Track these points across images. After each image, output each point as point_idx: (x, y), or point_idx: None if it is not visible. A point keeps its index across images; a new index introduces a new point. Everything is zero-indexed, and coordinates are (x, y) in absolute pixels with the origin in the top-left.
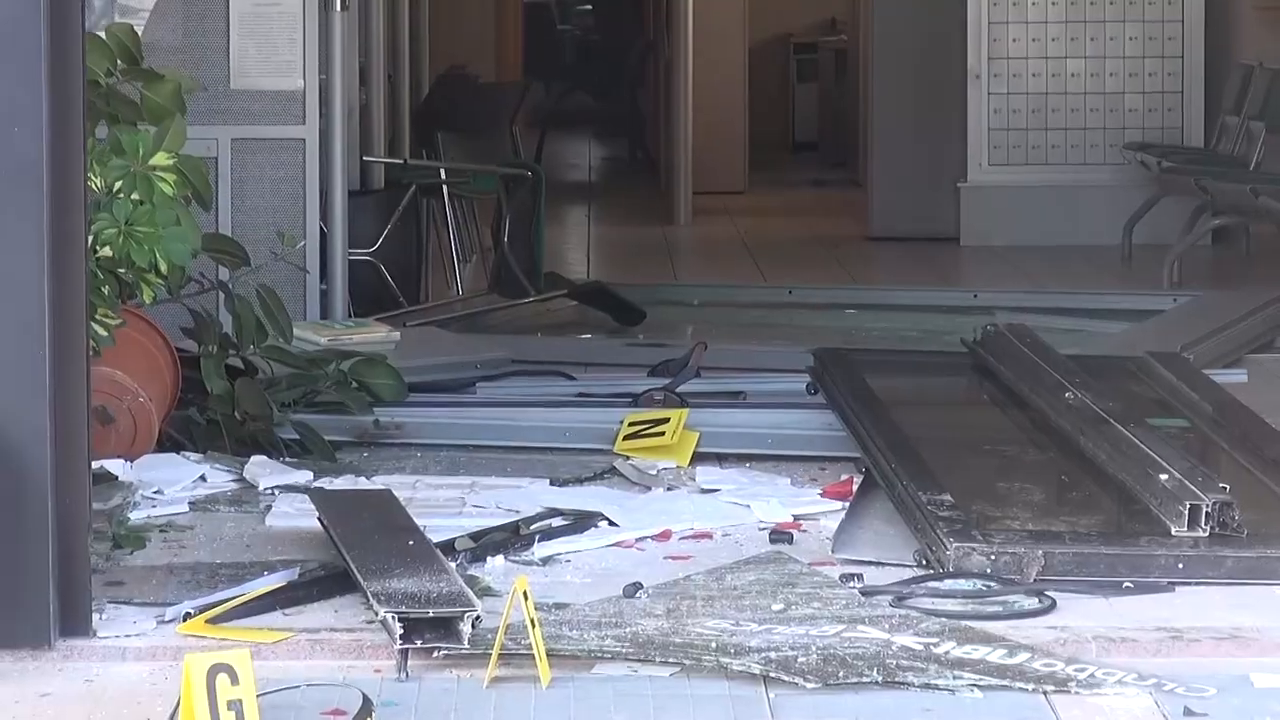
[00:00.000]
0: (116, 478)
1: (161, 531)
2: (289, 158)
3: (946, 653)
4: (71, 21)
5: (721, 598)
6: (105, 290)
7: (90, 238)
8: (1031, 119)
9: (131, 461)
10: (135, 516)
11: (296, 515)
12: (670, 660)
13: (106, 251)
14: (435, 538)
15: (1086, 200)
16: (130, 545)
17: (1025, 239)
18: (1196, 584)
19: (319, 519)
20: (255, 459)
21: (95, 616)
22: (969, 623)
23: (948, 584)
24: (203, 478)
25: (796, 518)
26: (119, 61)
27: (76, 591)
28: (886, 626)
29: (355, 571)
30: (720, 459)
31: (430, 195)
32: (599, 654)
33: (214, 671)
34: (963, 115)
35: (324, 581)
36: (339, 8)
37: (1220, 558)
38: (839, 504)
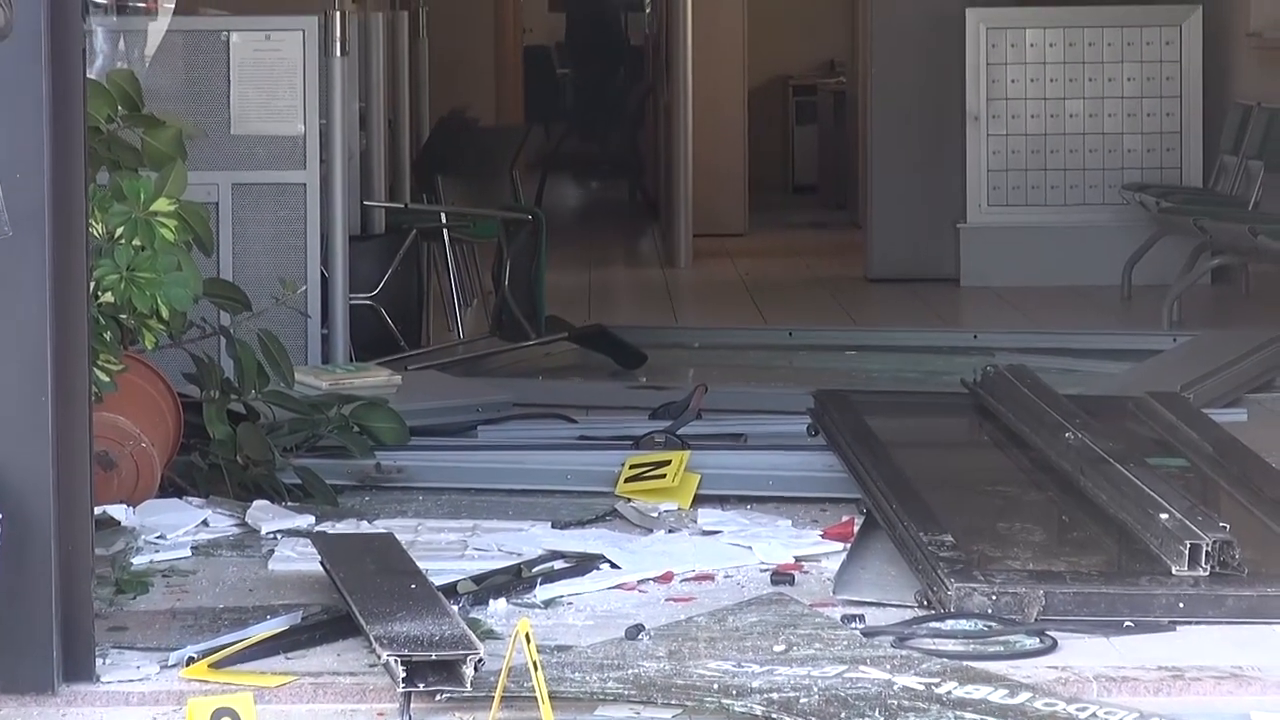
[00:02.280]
0: (119, 523)
1: (164, 576)
2: (290, 203)
3: (948, 693)
4: (72, 68)
5: (723, 639)
6: (107, 336)
7: (92, 283)
8: (1031, 160)
9: (134, 506)
10: (138, 561)
11: (299, 559)
12: (672, 702)
13: (108, 297)
14: (437, 581)
15: (1086, 240)
16: (133, 590)
17: (1025, 279)
18: (1197, 623)
19: (321, 563)
20: (257, 503)
21: (99, 661)
22: (971, 663)
23: (949, 624)
24: (205, 522)
25: (798, 559)
26: (120, 108)
27: (80, 636)
28: (888, 667)
29: (358, 615)
30: (721, 501)
31: (431, 239)
32: (601, 696)
33: (217, 716)
34: (962, 156)
35: (326, 625)
36: (339, 53)
37: (1221, 597)
38: (840, 545)
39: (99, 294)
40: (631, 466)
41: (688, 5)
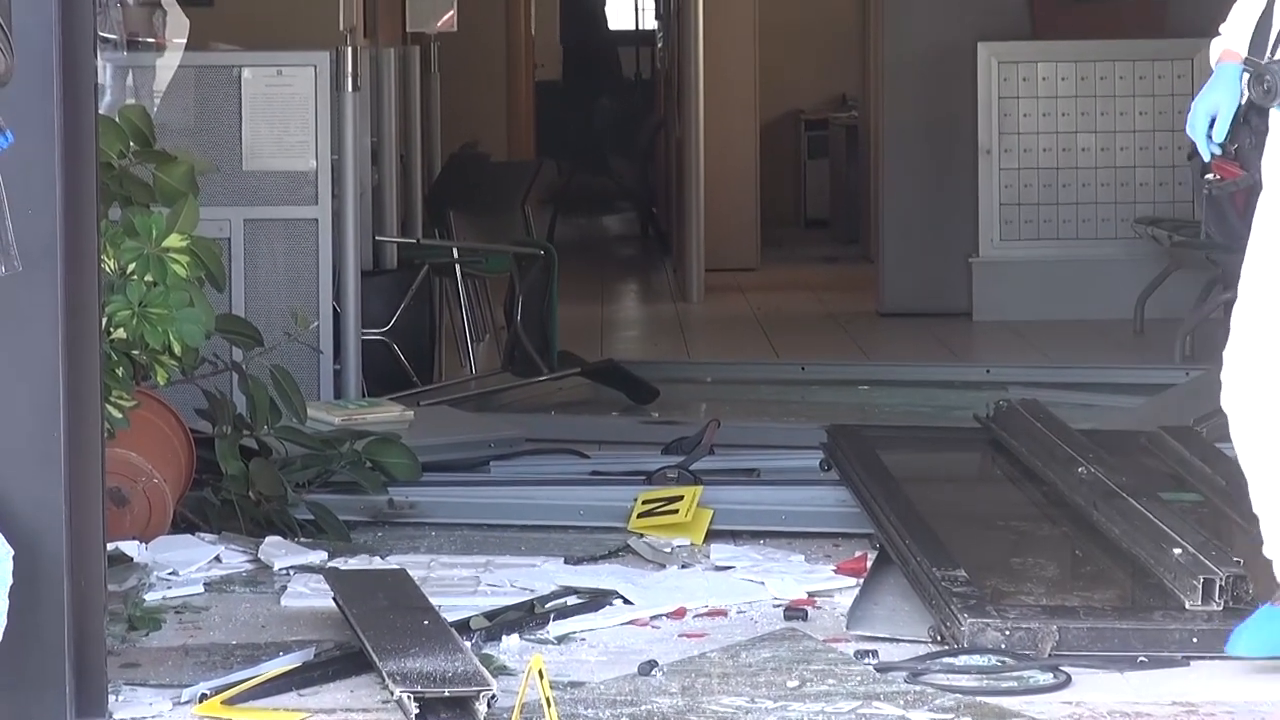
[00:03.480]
0: (131, 559)
1: (177, 613)
2: (302, 238)
3: None
4: (84, 104)
5: (736, 675)
6: (119, 372)
7: (104, 319)
8: (1043, 194)
9: (146, 543)
10: (150, 598)
11: (311, 595)
12: None
13: (120, 333)
14: (450, 617)
15: (1098, 274)
16: (146, 626)
17: (1037, 314)
18: (1211, 658)
19: (334, 599)
20: (270, 539)
21: (111, 698)
22: (984, 698)
23: (963, 660)
24: (218, 558)
25: (811, 594)
26: (132, 144)
27: (92, 673)
28: (902, 703)
29: (370, 651)
30: (734, 536)
31: (443, 274)
32: None
33: None
34: (974, 190)
35: (339, 661)
36: (351, 88)
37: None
38: (853, 580)
39: (111, 330)
40: (644, 502)
41: (699, 39)
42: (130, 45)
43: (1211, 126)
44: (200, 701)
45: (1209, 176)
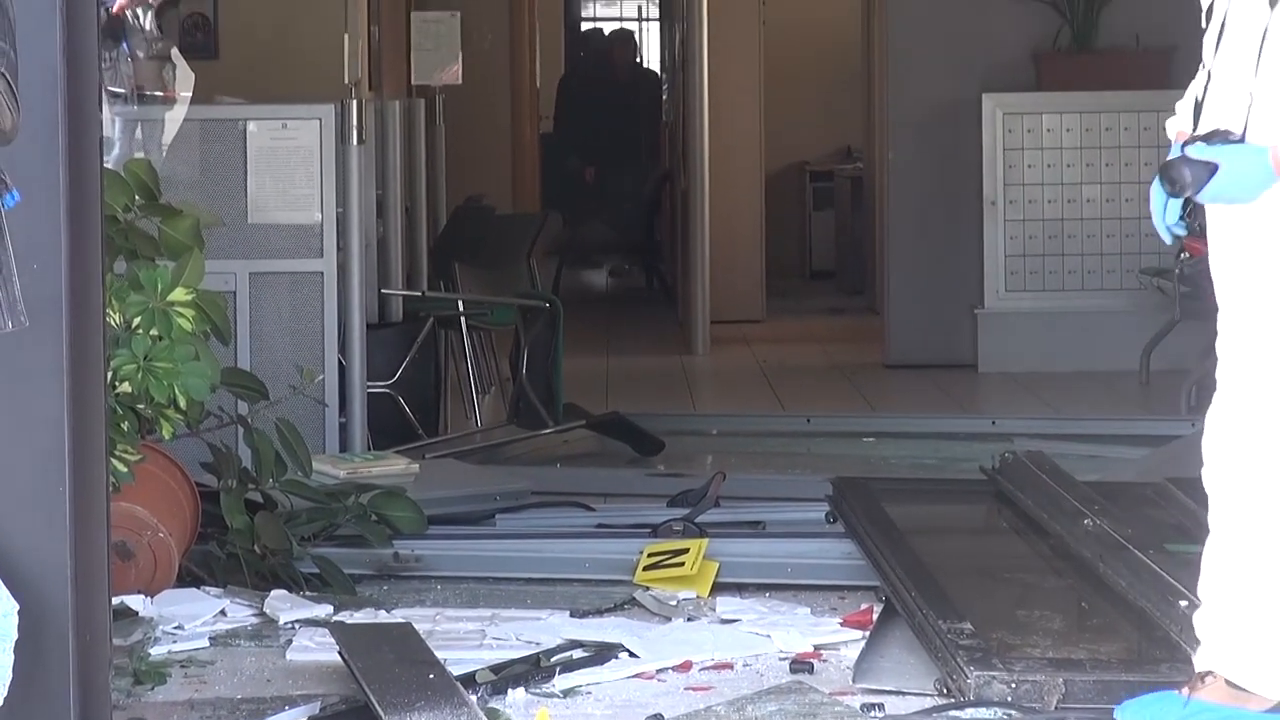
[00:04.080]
0: (137, 613)
1: (182, 667)
2: (307, 291)
3: None
4: (89, 158)
5: None
6: (125, 426)
7: (109, 373)
8: (1048, 245)
9: (152, 597)
10: (156, 652)
11: (317, 649)
12: None
13: (126, 387)
14: (456, 670)
15: (1104, 326)
16: (151, 681)
17: (1043, 365)
18: None
19: (339, 653)
20: (275, 593)
21: None
22: None
23: (969, 713)
24: (223, 612)
25: (817, 647)
26: (137, 197)
27: None
28: None
29: (376, 705)
30: (740, 589)
31: (448, 327)
32: None
33: None
34: (979, 242)
35: (345, 716)
36: (356, 141)
37: None
38: (859, 633)
39: (116, 384)
40: (650, 554)
41: (704, 91)
42: (139, 99)
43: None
44: None
45: (1182, 256)
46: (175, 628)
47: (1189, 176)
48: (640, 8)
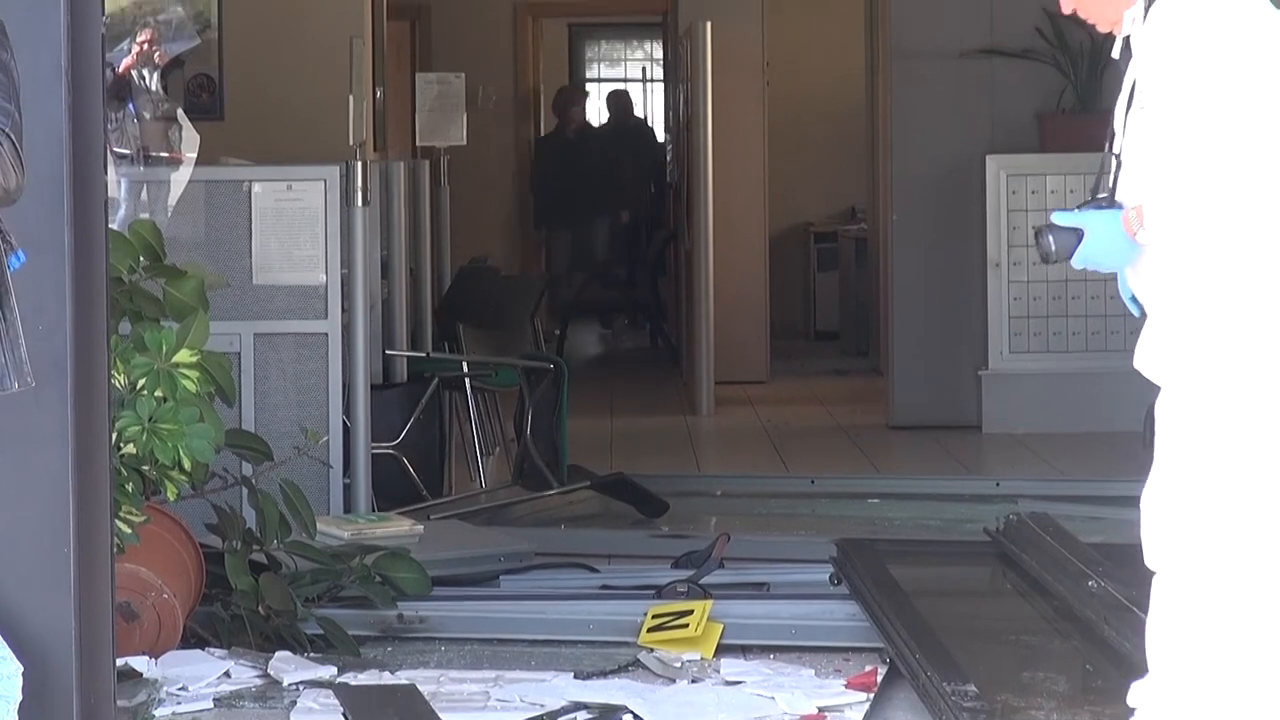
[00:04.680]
0: (141, 674)
1: None
2: (312, 352)
3: None
4: (95, 220)
5: None
6: (129, 487)
7: (114, 435)
8: (1052, 306)
9: (156, 658)
10: (160, 713)
11: (321, 711)
12: None
13: (130, 448)
14: None
15: (1108, 387)
16: None
17: (1047, 426)
18: None
19: (344, 714)
20: (280, 654)
21: None
22: None
23: None
24: (227, 674)
25: (821, 709)
26: (142, 258)
27: None
28: None
29: None
30: (744, 650)
31: (453, 388)
32: None
33: None
34: (983, 303)
35: None
36: (360, 202)
37: None
38: (864, 695)
39: (121, 445)
40: (654, 616)
41: (708, 152)
42: (145, 160)
43: None
44: None
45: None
46: (179, 689)
47: (1053, 244)
48: (645, 68)
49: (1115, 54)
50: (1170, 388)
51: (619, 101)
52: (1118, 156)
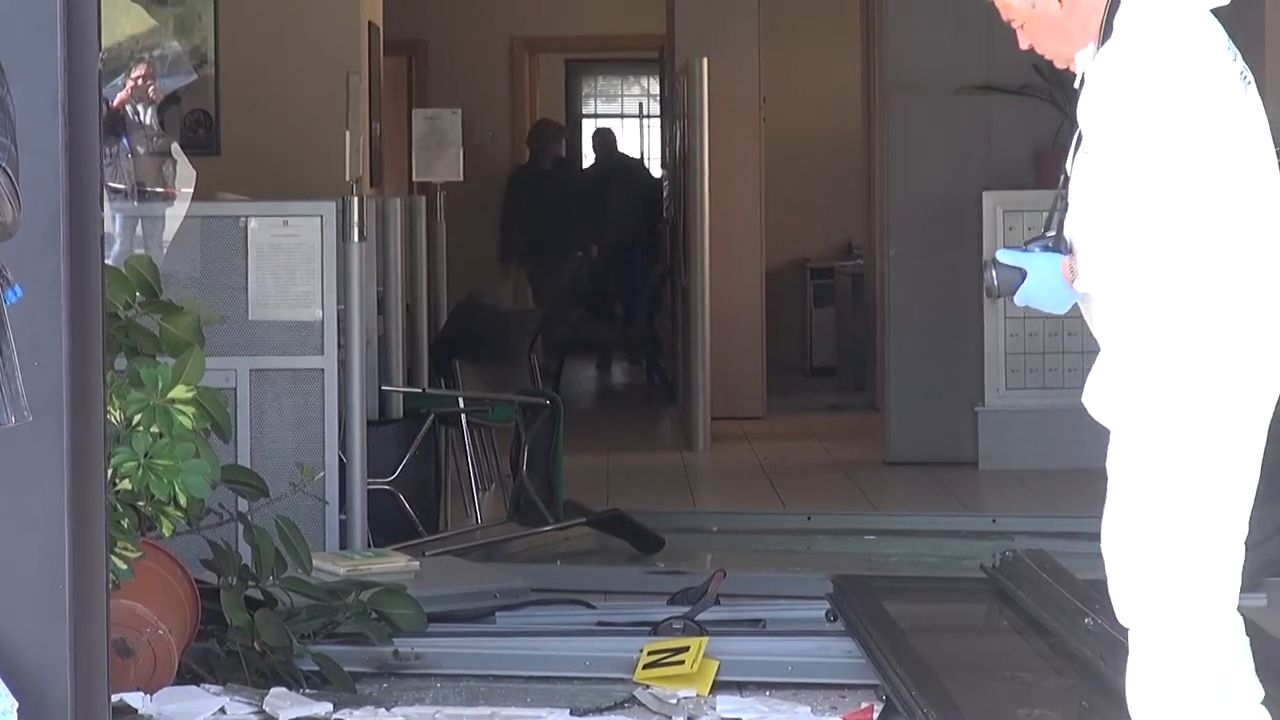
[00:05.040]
0: (136, 710)
1: None
2: (307, 388)
3: None
4: (91, 256)
5: None
6: (125, 523)
7: (110, 471)
8: (1049, 342)
9: (151, 694)
10: None
11: None
12: None
13: (126, 484)
14: None
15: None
16: None
17: (1044, 463)
18: None
19: None
20: (275, 690)
21: None
22: None
23: None
24: (223, 710)
25: None
26: (138, 294)
27: None
28: None
29: None
30: (740, 687)
31: (449, 424)
32: None
33: None
34: (979, 339)
35: None
36: (357, 238)
37: None
38: None
39: (117, 481)
40: (650, 653)
41: (705, 188)
42: (140, 195)
43: None
44: None
45: None
46: None
47: (997, 280)
48: (641, 104)
49: (1077, 85)
50: (1117, 430)
51: (604, 140)
52: (1064, 198)
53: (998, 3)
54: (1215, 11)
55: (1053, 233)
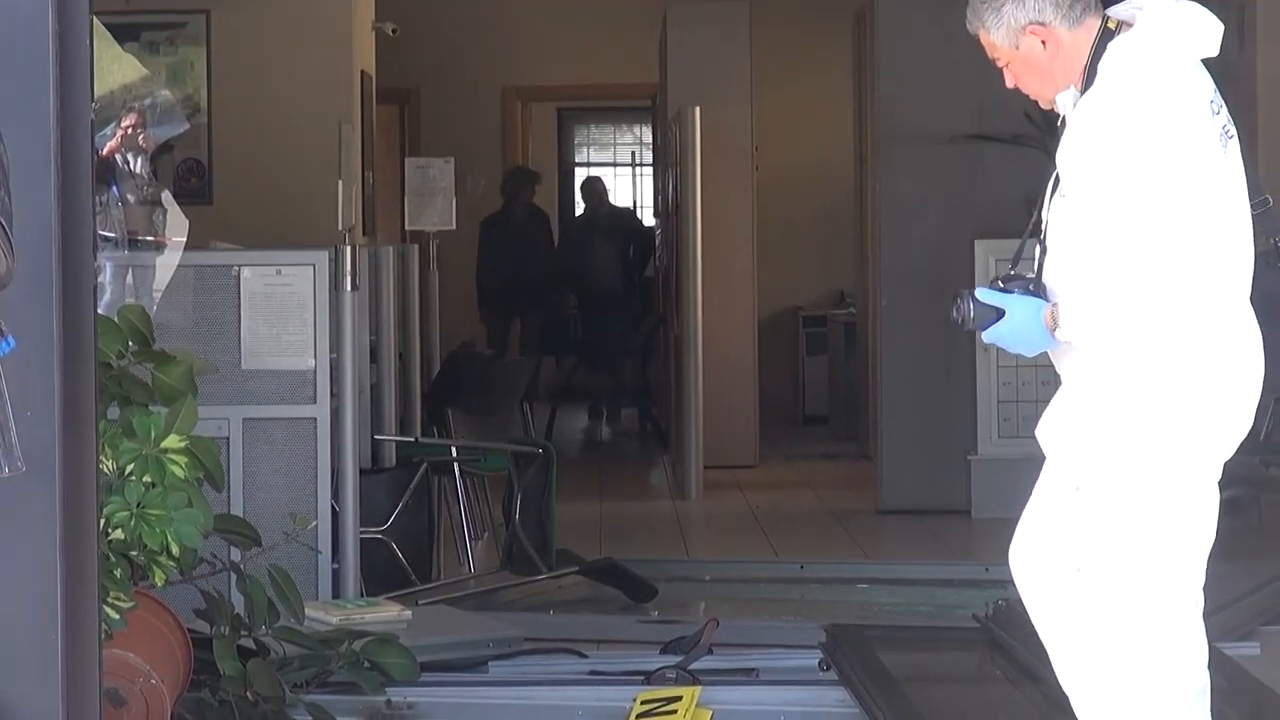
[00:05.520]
0: None
1: None
2: (300, 437)
3: None
4: (83, 306)
5: None
6: (117, 573)
7: (102, 520)
8: (1041, 391)
9: None
10: None
11: None
12: None
13: (118, 534)
14: None
15: None
16: None
17: None
18: None
19: None
20: None
21: None
22: None
23: None
24: None
25: None
26: (130, 343)
27: None
28: None
29: None
30: None
31: (442, 472)
32: None
33: None
34: (972, 388)
35: None
36: (350, 287)
37: None
38: None
39: (109, 531)
40: (643, 702)
41: (698, 236)
42: (131, 244)
43: None
44: None
45: None
46: None
47: (971, 314)
48: (634, 153)
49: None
50: (1056, 460)
51: (593, 189)
52: (1043, 242)
53: (984, 42)
54: (1205, 62)
55: (1032, 275)
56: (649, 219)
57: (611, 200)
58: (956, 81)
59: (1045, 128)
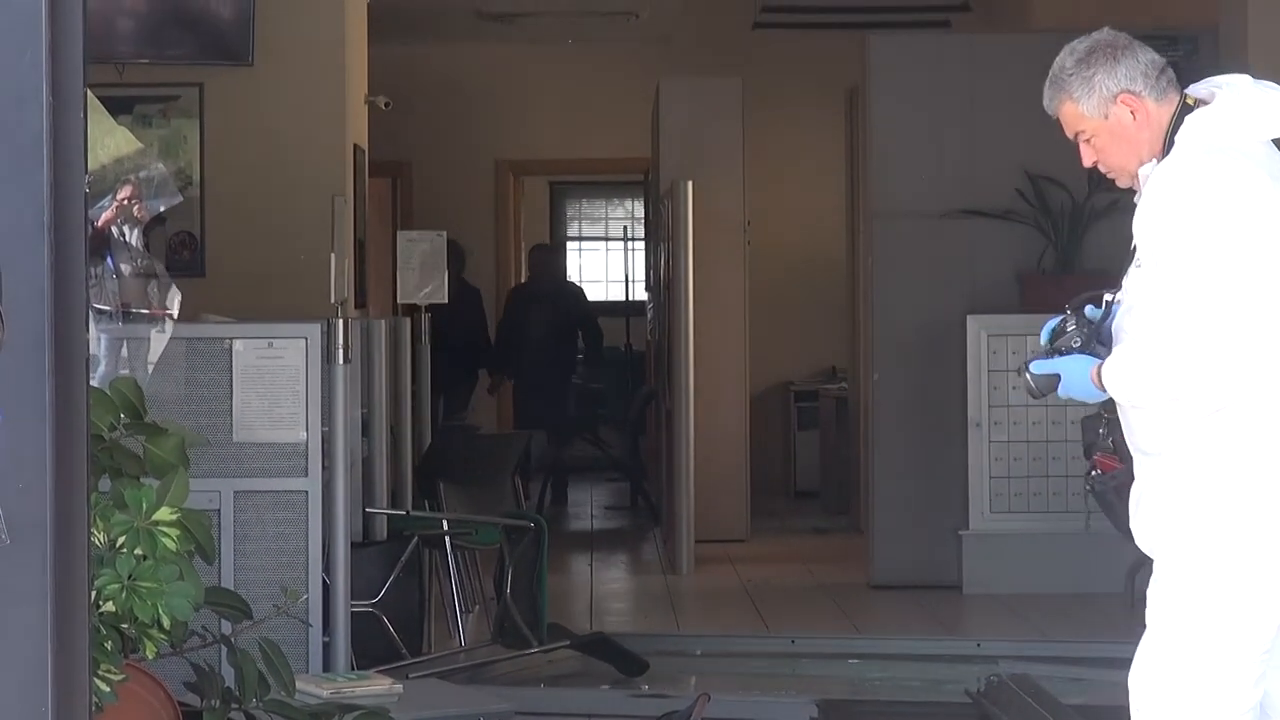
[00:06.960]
0: None
1: None
2: (291, 510)
3: None
4: (76, 378)
5: None
6: (108, 645)
7: (93, 593)
8: (1033, 466)
9: None
10: None
11: None
12: None
13: (109, 607)
14: None
15: (1089, 548)
16: None
17: (1028, 587)
18: None
19: None
20: None
21: None
22: None
23: None
24: None
25: None
26: (123, 415)
27: None
28: None
29: None
30: None
31: (433, 546)
32: None
33: None
34: (963, 463)
35: None
36: (341, 360)
37: None
38: None
39: (100, 603)
40: None
41: (689, 310)
42: (125, 316)
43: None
44: None
45: (1093, 472)
46: None
47: (1035, 385)
48: (626, 228)
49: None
50: (1159, 561)
51: (539, 257)
52: (1108, 305)
53: (1067, 116)
54: (1277, 141)
55: (1078, 343)
56: (640, 293)
57: (561, 273)
58: (947, 157)
59: (1037, 204)
